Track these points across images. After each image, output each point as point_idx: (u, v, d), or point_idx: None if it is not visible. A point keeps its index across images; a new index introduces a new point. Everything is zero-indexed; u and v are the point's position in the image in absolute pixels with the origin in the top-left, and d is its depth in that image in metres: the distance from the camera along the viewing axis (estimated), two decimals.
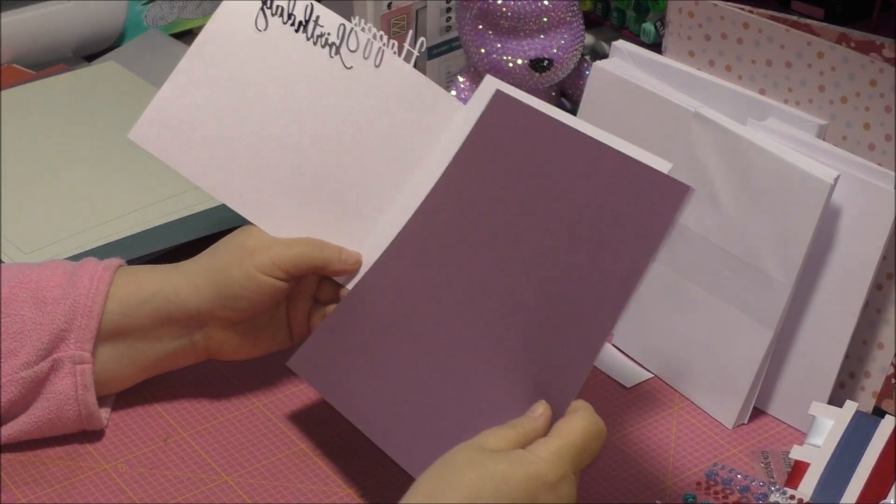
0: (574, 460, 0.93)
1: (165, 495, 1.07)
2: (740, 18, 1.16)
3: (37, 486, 1.08)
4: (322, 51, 1.13)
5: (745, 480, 1.07)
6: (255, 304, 1.11)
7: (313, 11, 1.13)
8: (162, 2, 1.67)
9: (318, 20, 1.13)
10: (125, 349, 1.11)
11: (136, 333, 1.11)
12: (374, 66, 1.14)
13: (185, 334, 1.12)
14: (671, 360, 1.18)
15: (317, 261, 1.11)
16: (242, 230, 1.13)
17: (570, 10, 1.30)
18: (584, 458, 0.94)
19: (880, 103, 1.09)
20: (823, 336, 1.11)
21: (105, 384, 1.11)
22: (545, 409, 0.96)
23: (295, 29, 1.13)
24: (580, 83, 1.36)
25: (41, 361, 1.09)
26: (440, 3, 1.37)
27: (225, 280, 1.10)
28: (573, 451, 0.93)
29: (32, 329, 1.09)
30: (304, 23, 1.13)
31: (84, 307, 1.09)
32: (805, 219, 1.08)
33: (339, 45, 1.13)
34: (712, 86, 1.19)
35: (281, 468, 1.10)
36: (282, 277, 1.10)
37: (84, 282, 1.09)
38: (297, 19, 1.13)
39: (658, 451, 1.12)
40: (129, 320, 1.10)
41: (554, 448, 0.93)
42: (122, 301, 1.10)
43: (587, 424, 0.94)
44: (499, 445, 0.93)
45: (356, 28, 1.13)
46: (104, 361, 1.10)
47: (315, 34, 1.13)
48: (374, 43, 1.14)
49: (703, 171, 1.14)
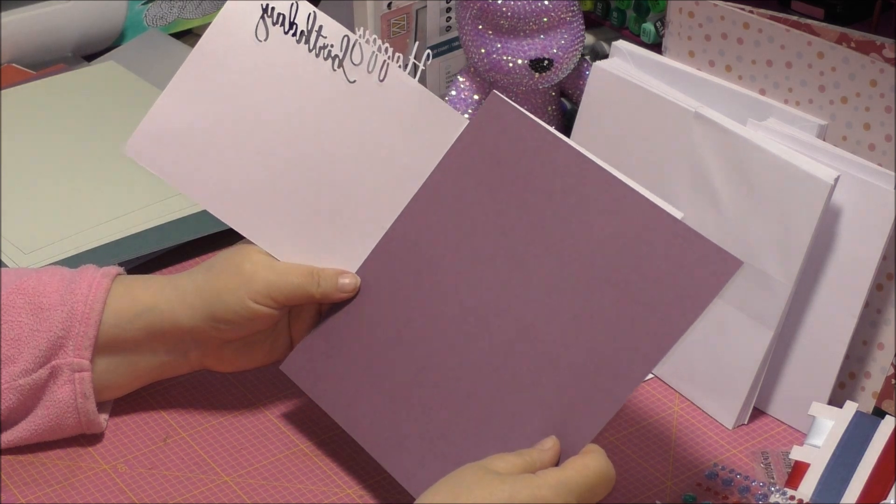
0: (580, 496, 0.94)
1: (165, 495, 1.07)
2: (740, 19, 1.16)
3: (37, 486, 1.08)
4: (325, 63, 1.10)
5: (745, 481, 1.07)
6: (248, 329, 1.10)
7: (316, 21, 1.09)
8: (162, 1, 1.67)
9: (320, 30, 1.09)
10: (120, 360, 1.10)
11: (130, 346, 1.10)
12: (378, 80, 1.10)
13: (178, 348, 1.11)
14: (671, 360, 1.18)
15: (314, 294, 1.09)
16: (240, 249, 1.10)
17: (570, 10, 1.30)
18: (590, 498, 0.94)
19: (880, 103, 1.09)
20: (823, 336, 1.11)
21: (102, 392, 1.11)
22: (554, 443, 0.97)
23: (297, 39, 1.09)
24: (580, 83, 1.36)
25: (39, 369, 1.08)
26: (440, 3, 1.37)
27: (218, 304, 1.08)
28: (581, 488, 0.94)
29: (30, 336, 1.08)
30: (307, 33, 1.09)
31: (81, 314, 1.08)
32: (805, 219, 1.08)
33: (343, 58, 1.10)
34: (712, 86, 1.19)
35: (281, 468, 1.10)
36: (275, 308, 1.08)
37: (82, 289, 1.09)
38: (299, 29, 1.09)
39: (658, 451, 1.12)
40: (122, 332, 1.09)
41: (563, 478, 0.93)
42: (116, 314, 1.09)
43: (600, 466, 0.95)
44: (507, 469, 0.94)
45: (360, 40, 1.10)
46: (100, 371, 1.10)
47: (317, 45, 1.09)
48: (379, 56, 1.10)
49: (703, 171, 1.14)
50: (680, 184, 1.16)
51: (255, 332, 1.11)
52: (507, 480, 0.92)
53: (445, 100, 1.33)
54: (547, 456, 0.96)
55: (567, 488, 0.93)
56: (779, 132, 1.13)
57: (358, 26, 1.12)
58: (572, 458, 0.96)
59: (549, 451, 0.97)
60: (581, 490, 0.94)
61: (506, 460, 0.95)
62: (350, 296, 1.10)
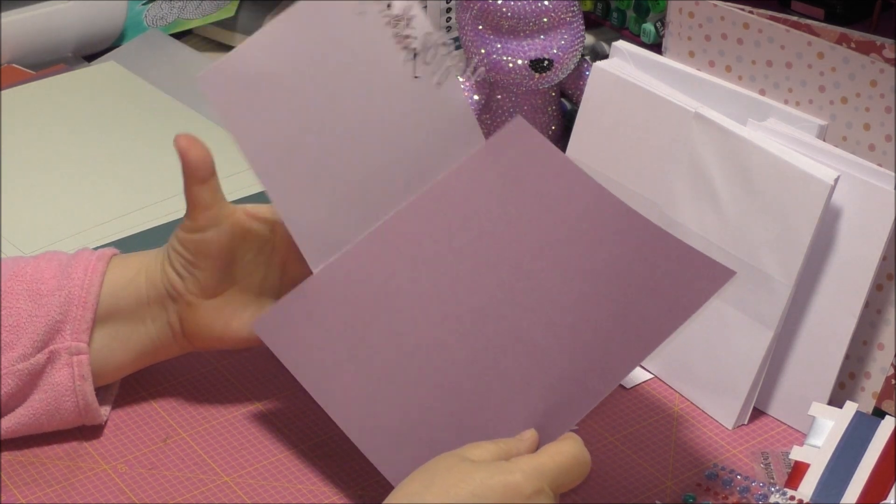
0: (553, 479, 0.94)
1: (165, 496, 1.07)
2: (740, 19, 1.16)
3: (37, 486, 1.08)
4: (401, 53, 1.11)
5: (745, 481, 1.07)
6: (219, 250, 1.09)
7: (411, 10, 1.11)
8: (162, 2, 1.67)
9: (409, 22, 1.11)
10: (115, 334, 1.11)
11: (123, 316, 1.11)
12: (437, 83, 1.12)
13: (162, 314, 1.11)
14: (671, 360, 1.18)
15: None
16: None
17: (571, 11, 1.30)
18: (564, 480, 0.95)
19: (880, 104, 1.09)
20: (823, 336, 1.11)
21: (98, 373, 1.11)
22: (533, 435, 0.98)
23: (387, 22, 1.10)
24: (580, 83, 1.36)
25: (37, 353, 1.09)
26: (440, 3, 1.37)
27: (191, 237, 1.09)
28: (554, 471, 0.94)
29: (28, 322, 1.09)
30: (398, 19, 1.10)
31: (78, 298, 1.09)
32: (805, 219, 1.08)
33: (419, 54, 1.11)
34: (712, 86, 1.19)
35: (281, 468, 1.10)
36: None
37: (78, 273, 1.10)
38: (394, 13, 1.10)
39: (658, 451, 1.12)
40: (116, 301, 1.10)
41: (535, 463, 0.94)
42: (111, 283, 1.10)
43: (573, 451, 0.96)
44: (482, 457, 0.95)
45: (438, 41, 1.11)
46: (96, 349, 1.10)
47: (402, 34, 1.11)
48: (447, 60, 1.12)
49: (703, 171, 1.14)
50: (680, 184, 1.16)
51: (227, 260, 1.10)
52: (480, 467, 0.93)
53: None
54: (524, 445, 0.97)
55: (539, 473, 0.93)
56: (779, 132, 1.13)
57: (440, 27, 1.15)
58: (546, 445, 0.97)
59: (527, 441, 0.98)
60: (554, 475, 0.94)
61: (482, 448, 0.96)
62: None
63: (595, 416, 1.15)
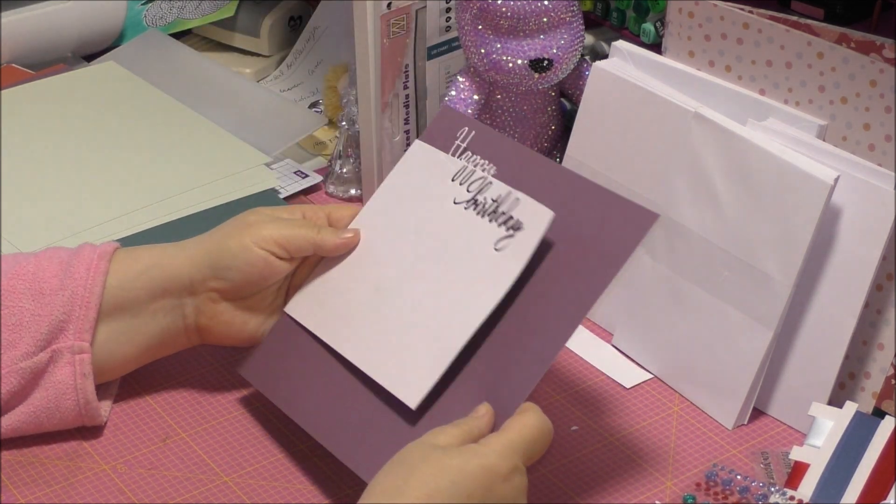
0: (525, 453, 0.97)
1: (165, 495, 1.07)
2: (740, 19, 1.16)
3: (37, 487, 1.08)
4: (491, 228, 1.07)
5: (745, 481, 1.07)
6: (247, 276, 1.11)
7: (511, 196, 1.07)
8: (161, 2, 1.67)
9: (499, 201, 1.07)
10: (121, 327, 1.11)
11: (132, 308, 1.11)
12: (495, 249, 1.05)
13: (177, 307, 1.12)
14: (671, 360, 1.18)
15: (313, 239, 1.11)
16: (247, 211, 1.14)
17: (570, 10, 1.30)
18: (533, 452, 0.98)
19: (880, 104, 1.09)
20: (823, 336, 1.11)
21: (102, 368, 1.11)
22: (487, 409, 1.01)
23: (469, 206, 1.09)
24: (580, 83, 1.35)
25: (40, 352, 1.09)
26: (440, 3, 1.37)
27: (219, 250, 1.11)
28: (524, 445, 0.97)
29: (31, 321, 1.09)
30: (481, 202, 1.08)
31: (82, 298, 1.09)
32: (805, 219, 1.08)
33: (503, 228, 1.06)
34: (712, 86, 1.19)
35: (281, 468, 1.10)
36: (275, 252, 1.10)
37: (80, 271, 1.10)
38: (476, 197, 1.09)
39: (658, 451, 1.12)
40: (126, 293, 1.11)
41: (505, 441, 0.97)
42: (119, 275, 1.11)
43: (537, 421, 0.99)
44: (449, 442, 0.97)
45: (526, 224, 1.04)
46: (101, 342, 1.10)
47: (491, 213, 1.07)
48: (508, 240, 1.05)
49: (703, 172, 1.14)
50: (680, 183, 1.16)
51: (253, 284, 1.12)
52: (454, 454, 0.95)
53: (445, 100, 1.34)
54: (483, 422, 1.00)
55: (511, 449, 0.97)
56: (779, 132, 1.13)
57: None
58: (510, 420, 0.99)
59: (484, 418, 1.00)
60: (524, 449, 0.98)
61: (446, 433, 0.97)
62: (349, 246, 1.12)
63: (595, 416, 1.15)
